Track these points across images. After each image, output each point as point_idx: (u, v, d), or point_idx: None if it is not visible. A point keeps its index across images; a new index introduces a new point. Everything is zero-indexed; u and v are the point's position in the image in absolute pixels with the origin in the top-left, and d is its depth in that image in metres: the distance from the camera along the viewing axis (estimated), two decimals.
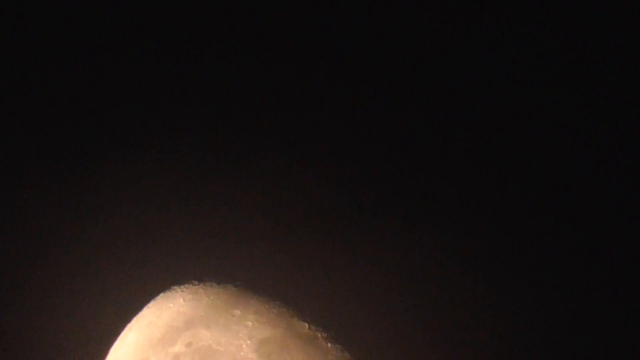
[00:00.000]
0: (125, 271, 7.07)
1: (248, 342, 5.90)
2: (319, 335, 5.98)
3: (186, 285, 6.47)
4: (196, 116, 7.50)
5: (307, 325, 6.02)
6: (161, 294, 6.54)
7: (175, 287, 6.50)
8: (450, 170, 6.90)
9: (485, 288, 6.47)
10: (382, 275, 6.38)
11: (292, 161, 7.09)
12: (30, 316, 7.28)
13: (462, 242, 6.61)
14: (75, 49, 7.73)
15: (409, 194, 6.81)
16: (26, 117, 7.72)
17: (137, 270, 7.00)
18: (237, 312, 6.08)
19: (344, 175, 6.96)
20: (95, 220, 7.34)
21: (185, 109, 7.55)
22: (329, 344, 5.97)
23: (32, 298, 7.31)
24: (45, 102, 7.72)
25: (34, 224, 7.47)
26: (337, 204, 6.79)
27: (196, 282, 6.45)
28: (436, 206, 6.74)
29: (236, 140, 7.31)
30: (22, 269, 7.39)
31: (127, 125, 7.57)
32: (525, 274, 6.58)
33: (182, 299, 6.36)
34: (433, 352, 6.14)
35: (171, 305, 6.36)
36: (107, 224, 7.30)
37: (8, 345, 7.27)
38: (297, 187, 6.94)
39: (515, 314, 6.44)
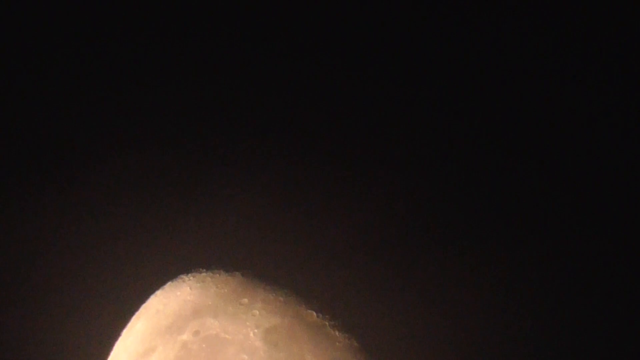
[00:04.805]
0: (133, 259, 7.08)
1: (255, 330, 5.89)
2: (327, 323, 5.97)
3: (193, 273, 6.47)
4: (207, 108, 7.50)
5: (314, 313, 6.01)
6: (169, 283, 6.54)
7: (183, 276, 6.50)
8: (453, 168, 6.89)
9: (491, 282, 6.47)
10: (389, 264, 6.37)
11: (302, 154, 7.08)
12: (37, 306, 7.30)
13: (465, 238, 6.60)
14: (72, 50, 7.74)
15: (414, 190, 6.79)
16: (25, 117, 7.73)
17: (145, 258, 7.01)
18: (245, 300, 6.08)
19: (345, 170, 6.95)
20: (102, 210, 7.35)
21: (197, 100, 7.55)
22: (337, 332, 5.96)
23: (38, 289, 7.33)
24: (43, 102, 7.73)
25: (38, 214, 7.49)
26: (343, 197, 6.78)
27: (204, 271, 6.45)
28: (442, 204, 6.73)
29: (242, 134, 7.30)
30: (26, 260, 7.41)
31: (139, 119, 7.58)
32: (531, 274, 6.58)
33: (189, 288, 6.36)
34: (440, 340, 6.14)
35: (179, 293, 6.36)
36: (113, 214, 7.30)
37: (8, 345, 7.30)
38: (304, 177, 6.93)
39: (519, 310, 6.44)
